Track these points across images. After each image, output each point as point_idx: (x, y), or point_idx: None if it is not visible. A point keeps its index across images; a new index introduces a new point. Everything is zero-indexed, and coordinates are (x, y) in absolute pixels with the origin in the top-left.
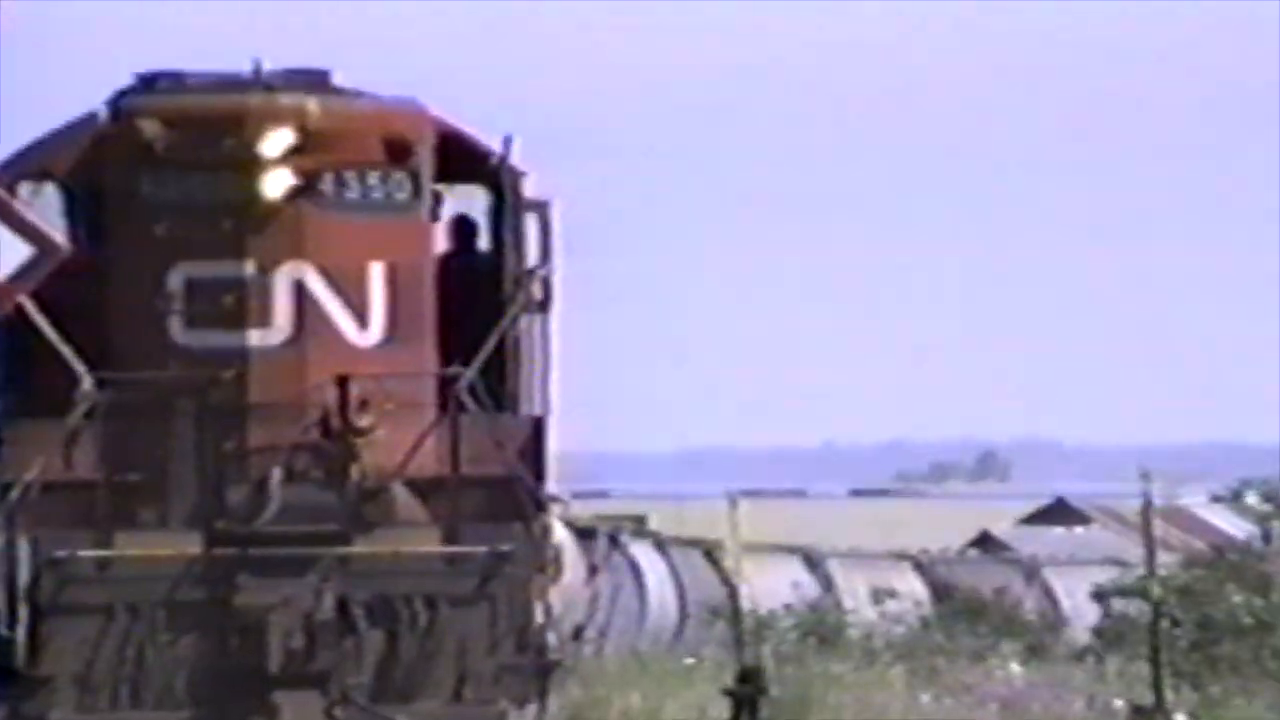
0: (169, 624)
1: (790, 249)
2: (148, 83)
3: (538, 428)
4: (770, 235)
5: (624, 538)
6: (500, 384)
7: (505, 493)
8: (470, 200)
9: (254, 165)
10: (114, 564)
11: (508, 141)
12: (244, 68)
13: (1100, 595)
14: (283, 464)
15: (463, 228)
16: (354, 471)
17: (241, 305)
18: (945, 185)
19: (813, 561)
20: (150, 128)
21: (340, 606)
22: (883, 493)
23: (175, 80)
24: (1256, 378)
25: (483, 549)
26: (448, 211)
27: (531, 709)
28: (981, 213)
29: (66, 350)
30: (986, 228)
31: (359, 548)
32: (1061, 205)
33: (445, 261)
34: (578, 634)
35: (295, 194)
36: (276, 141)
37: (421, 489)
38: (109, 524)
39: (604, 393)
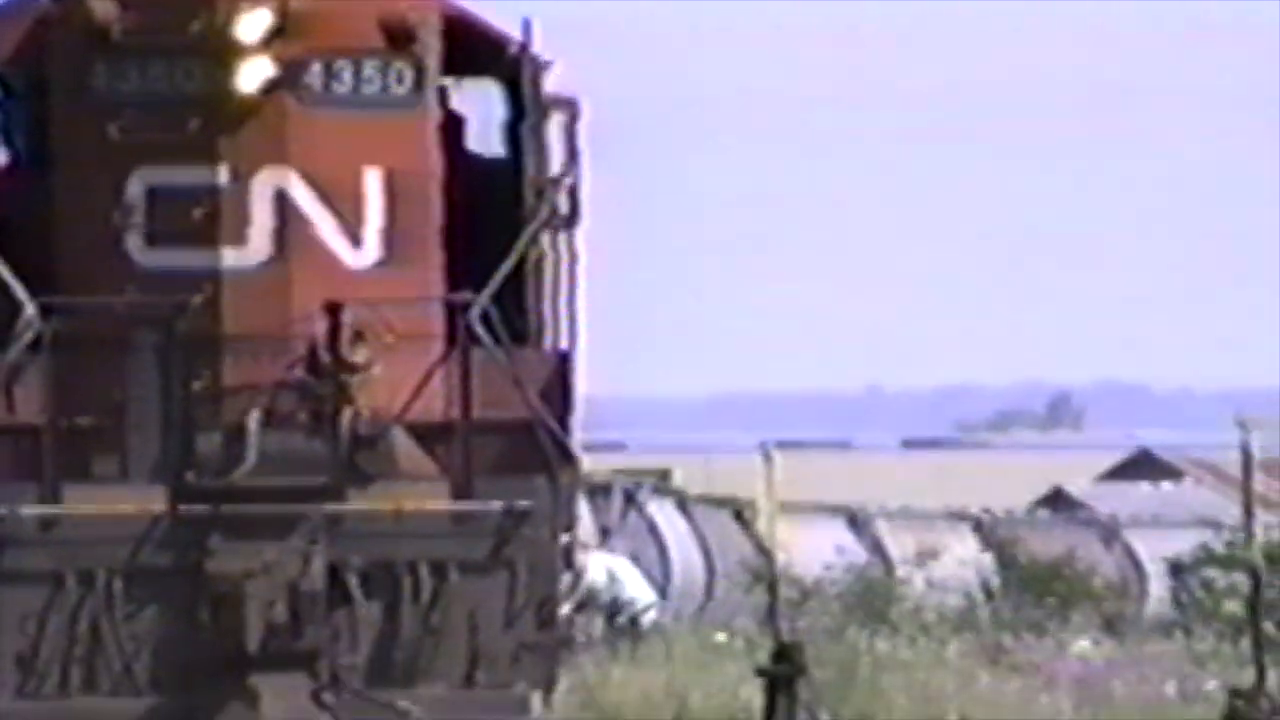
0: (128, 594)
1: (838, 170)
2: None
3: (563, 364)
4: (817, 153)
5: (642, 496)
6: (519, 313)
7: (525, 440)
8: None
9: (227, 52)
10: (63, 523)
11: (527, 27)
12: None
13: (1177, 569)
14: (262, 406)
15: (448, 126)
16: (347, 415)
17: (213, 219)
18: (1019, 101)
19: (858, 523)
20: (103, 8)
21: (331, 574)
22: (939, 444)
23: None
24: None
25: (499, 506)
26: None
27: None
28: (1056, 129)
29: (6, 272)
30: (1061, 144)
31: (353, 505)
32: (1154, 124)
33: (451, 168)
34: (581, 608)
35: (275, 86)
36: (253, 23)
37: (427, 436)
38: (57, 476)
39: (622, 327)
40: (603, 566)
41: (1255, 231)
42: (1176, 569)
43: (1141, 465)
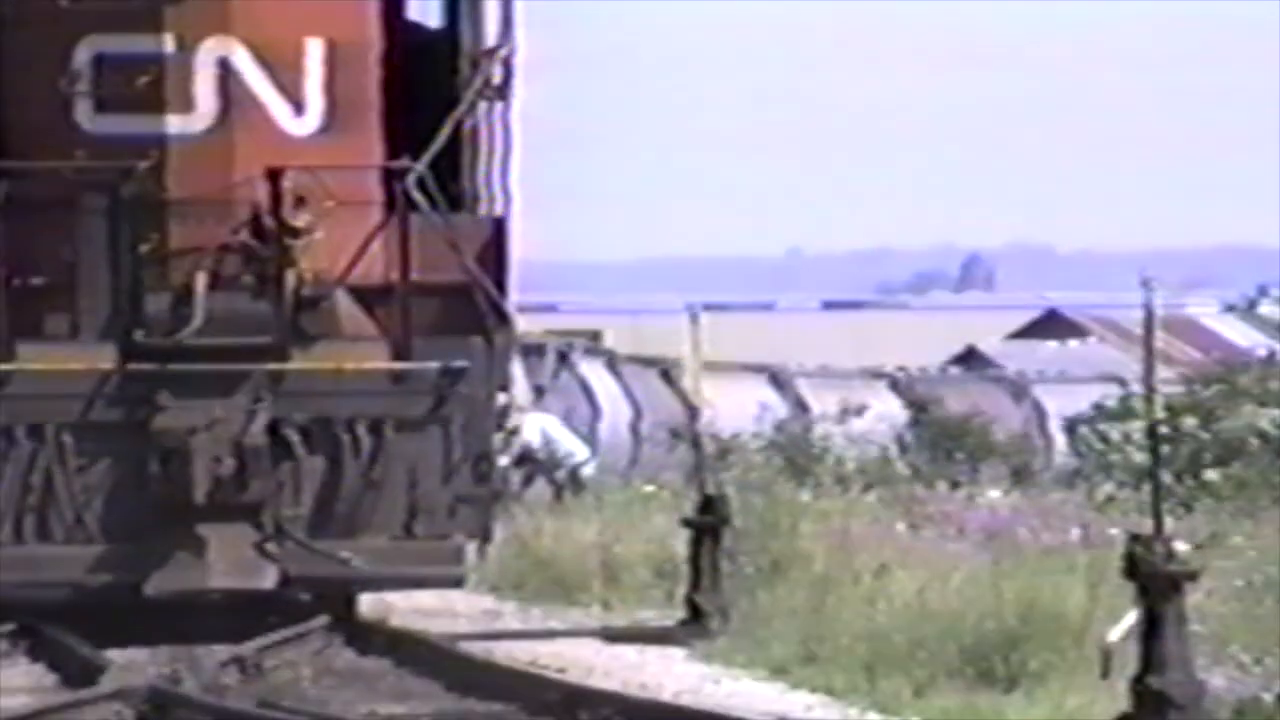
0: (79, 448)
1: (763, 39)
2: None
3: (498, 229)
4: (742, 22)
5: (575, 356)
6: (455, 179)
7: (462, 302)
8: None
9: None
10: (15, 379)
11: None
12: None
13: (1072, 427)
14: (208, 268)
15: None
16: (289, 277)
17: (159, 86)
18: None
19: (780, 381)
20: None
21: (274, 429)
22: (858, 305)
23: None
24: (1276, 176)
25: (436, 366)
26: None
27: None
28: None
29: None
30: (975, 15)
31: (295, 364)
32: None
33: (391, 39)
34: (522, 461)
35: None
36: None
37: (367, 298)
38: (9, 334)
39: (555, 194)
40: (537, 426)
41: (1154, 100)
42: (1071, 426)
43: (1049, 324)
